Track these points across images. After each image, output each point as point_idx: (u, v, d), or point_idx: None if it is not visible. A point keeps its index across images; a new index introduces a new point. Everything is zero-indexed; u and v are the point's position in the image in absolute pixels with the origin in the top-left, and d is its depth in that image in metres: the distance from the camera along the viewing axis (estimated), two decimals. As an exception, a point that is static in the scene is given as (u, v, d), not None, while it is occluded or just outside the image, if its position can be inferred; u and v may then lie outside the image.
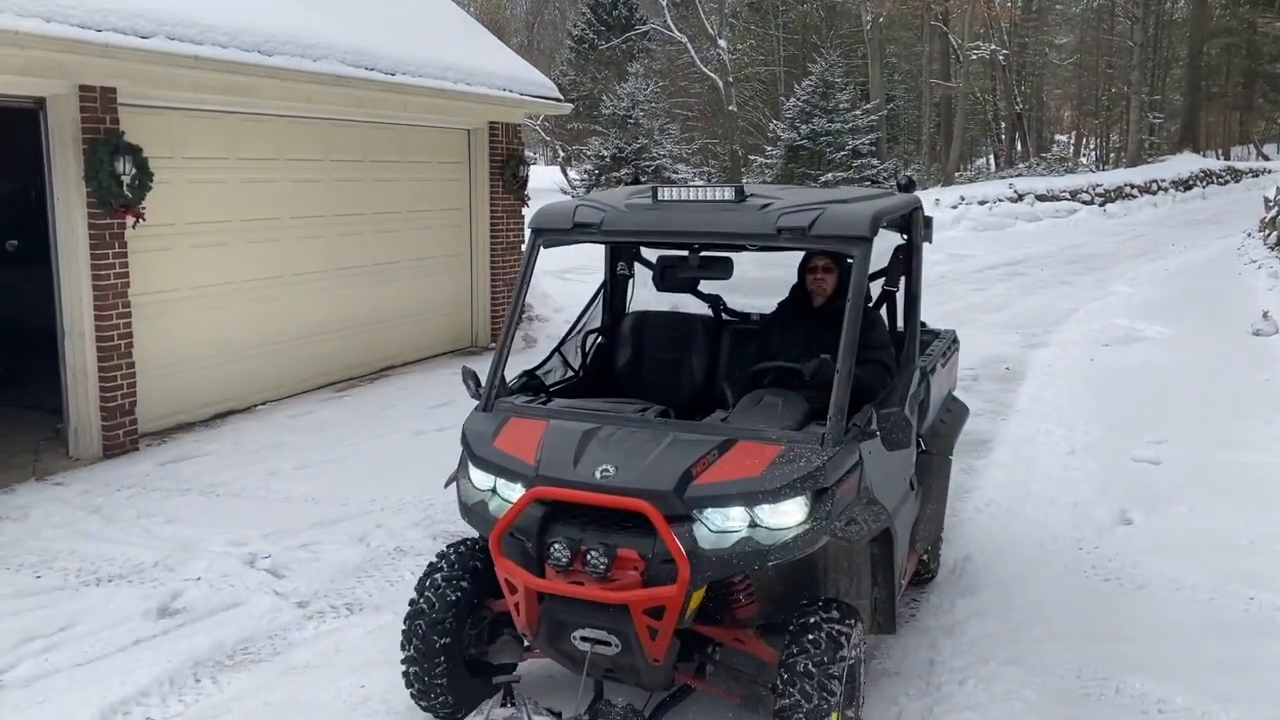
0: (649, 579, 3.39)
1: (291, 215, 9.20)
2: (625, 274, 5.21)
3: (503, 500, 3.72)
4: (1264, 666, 4.49)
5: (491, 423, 3.95)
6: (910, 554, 4.53)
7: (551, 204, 4.40)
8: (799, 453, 3.53)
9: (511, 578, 3.58)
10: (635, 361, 4.97)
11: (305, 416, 8.62)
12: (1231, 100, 44.84)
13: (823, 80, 28.21)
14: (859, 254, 3.84)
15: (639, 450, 3.59)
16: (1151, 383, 9.66)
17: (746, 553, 3.39)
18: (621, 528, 3.47)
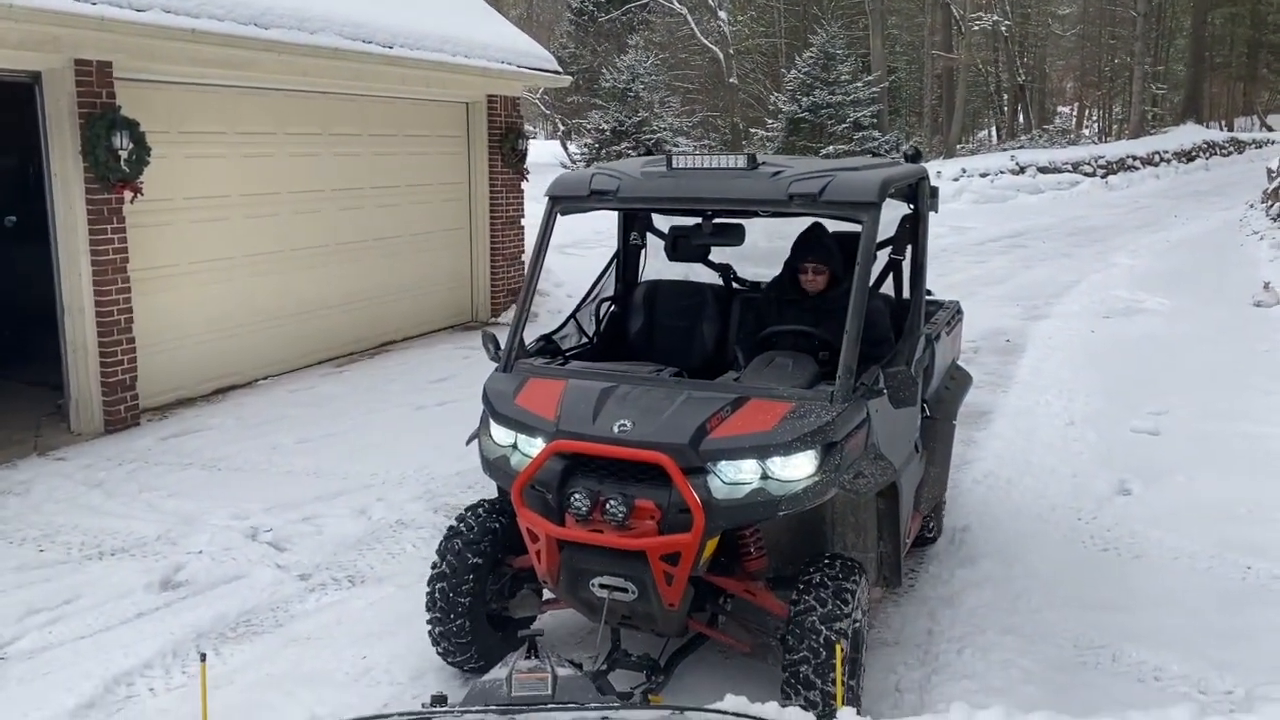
0: (665, 527, 3.54)
1: (290, 190, 9.17)
2: (638, 244, 5.29)
3: (523, 455, 3.87)
4: (1260, 634, 4.51)
5: (512, 382, 4.10)
6: (914, 515, 4.63)
7: (568, 173, 4.52)
8: (809, 409, 3.67)
9: (534, 527, 3.72)
10: (648, 328, 5.08)
11: (306, 391, 8.63)
12: (1235, 71, 44.59)
13: (824, 52, 28.04)
14: (868, 220, 3.93)
15: (655, 407, 3.73)
16: (1152, 354, 9.66)
17: (758, 503, 3.54)
18: (638, 479, 3.61)
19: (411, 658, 4.38)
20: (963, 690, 4.00)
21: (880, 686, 4.13)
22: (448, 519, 5.90)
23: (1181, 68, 43.47)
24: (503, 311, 11.73)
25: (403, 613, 4.75)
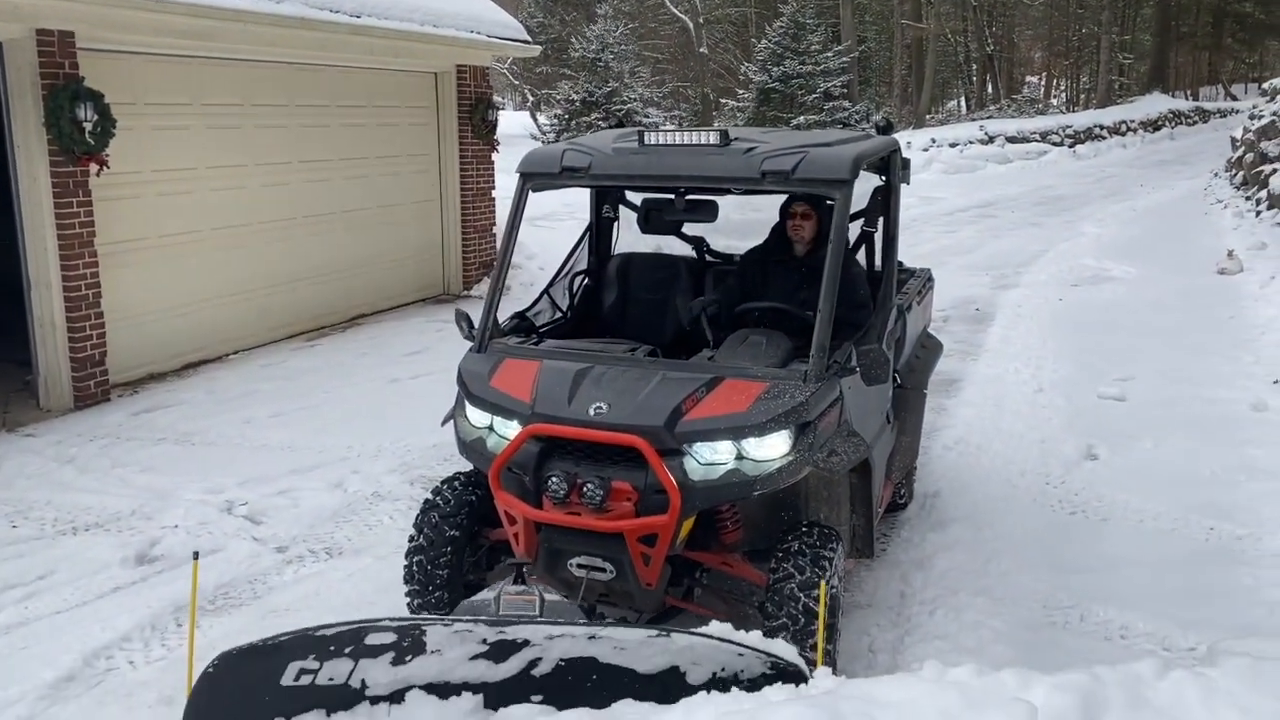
0: (642, 509, 3.58)
1: (258, 162, 9.08)
2: (610, 217, 5.28)
3: (500, 437, 3.88)
4: (1222, 593, 4.63)
5: (487, 363, 4.09)
6: (886, 483, 4.70)
7: (539, 148, 4.50)
8: (783, 389, 3.69)
9: (511, 510, 3.76)
10: (621, 302, 5.09)
11: (278, 365, 8.59)
12: (1200, 40, 44.87)
13: (794, 22, 27.96)
14: (840, 196, 3.96)
15: (630, 389, 3.75)
16: (1118, 322, 9.80)
17: (734, 483, 3.58)
18: (614, 461, 3.64)
19: (391, 627, 4.40)
20: (935, 650, 4.07)
21: (854, 648, 4.21)
22: (424, 491, 5.91)
23: (1148, 37, 43.71)
24: (474, 284, 11.69)
25: (382, 583, 4.78)
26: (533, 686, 3.10)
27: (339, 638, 3.16)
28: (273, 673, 3.13)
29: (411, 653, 3.14)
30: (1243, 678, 2.76)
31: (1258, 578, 4.76)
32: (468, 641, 3.13)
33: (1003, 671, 2.83)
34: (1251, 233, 13.50)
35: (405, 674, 3.13)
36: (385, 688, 3.12)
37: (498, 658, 3.11)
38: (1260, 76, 44.07)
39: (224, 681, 3.12)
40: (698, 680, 3.05)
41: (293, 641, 3.16)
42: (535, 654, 3.10)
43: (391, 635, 3.15)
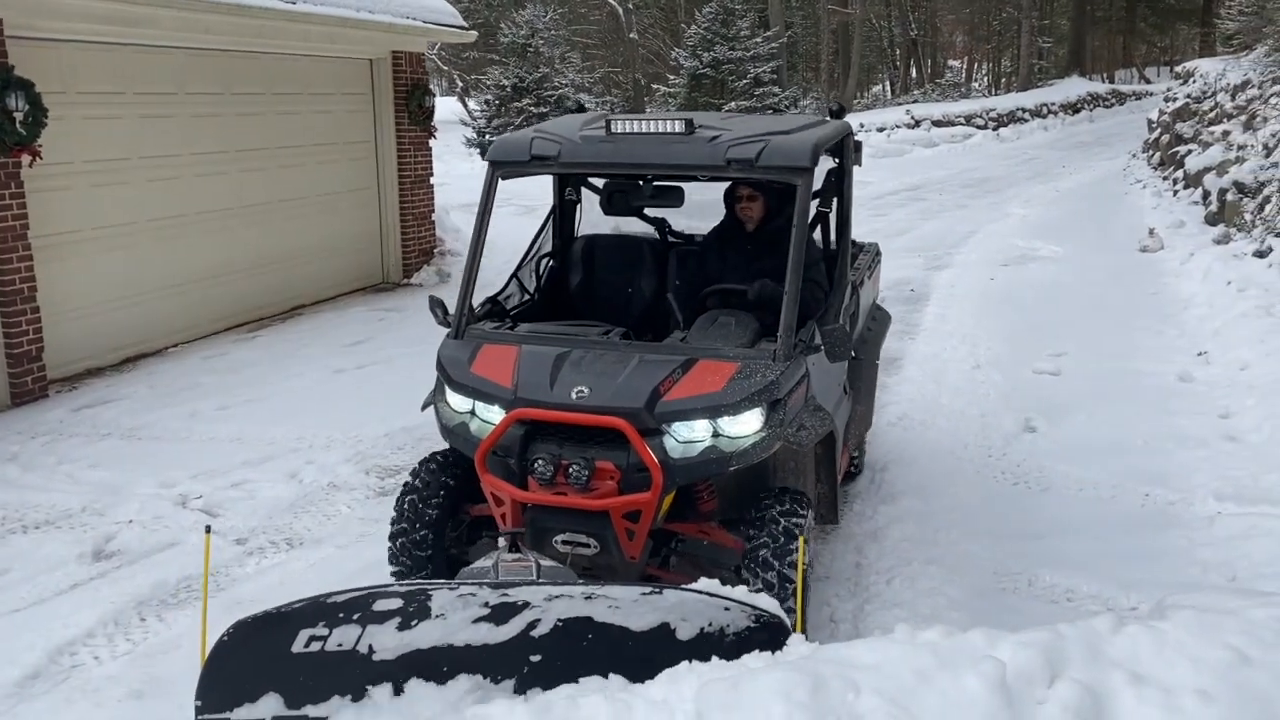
0: (625, 487, 3.73)
1: (193, 151, 8.92)
2: (573, 199, 5.35)
3: (482, 421, 3.97)
4: (1160, 554, 4.86)
5: (465, 349, 4.16)
6: (844, 451, 4.87)
7: (508, 136, 4.59)
8: (754, 368, 3.87)
9: (498, 492, 3.86)
10: (587, 283, 5.19)
11: (220, 358, 8.47)
12: (1115, 25, 46.15)
13: (723, 7, 28.09)
14: (802, 183, 4.13)
15: (609, 372, 3.88)
16: (1048, 299, 10.11)
17: (711, 460, 3.75)
18: (597, 442, 3.77)
19: (359, 614, 4.42)
20: (894, 618, 4.21)
21: (816, 618, 4.33)
22: (380, 480, 5.94)
23: (1065, 21, 44.78)
24: (415, 272, 11.62)
25: (345, 572, 4.77)
26: (532, 647, 3.23)
27: (348, 604, 3.26)
28: (284, 640, 3.23)
29: (417, 618, 3.24)
30: (1191, 629, 2.93)
31: (1191, 539, 5.00)
32: (470, 605, 3.23)
33: (970, 631, 2.97)
34: (1170, 211, 13.99)
35: (410, 639, 3.23)
36: (392, 652, 3.23)
37: (499, 620, 3.23)
38: (1172, 59, 45.53)
39: (237, 649, 3.22)
40: (687, 635, 3.19)
41: (303, 609, 3.26)
42: (535, 615, 3.23)
43: (398, 601, 3.26)
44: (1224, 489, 5.46)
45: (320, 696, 3.23)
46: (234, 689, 3.23)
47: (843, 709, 2.72)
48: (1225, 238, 11.11)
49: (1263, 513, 5.10)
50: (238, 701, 3.22)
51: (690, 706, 2.83)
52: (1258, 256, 9.41)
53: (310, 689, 3.23)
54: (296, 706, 3.22)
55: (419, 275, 11.58)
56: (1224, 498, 5.35)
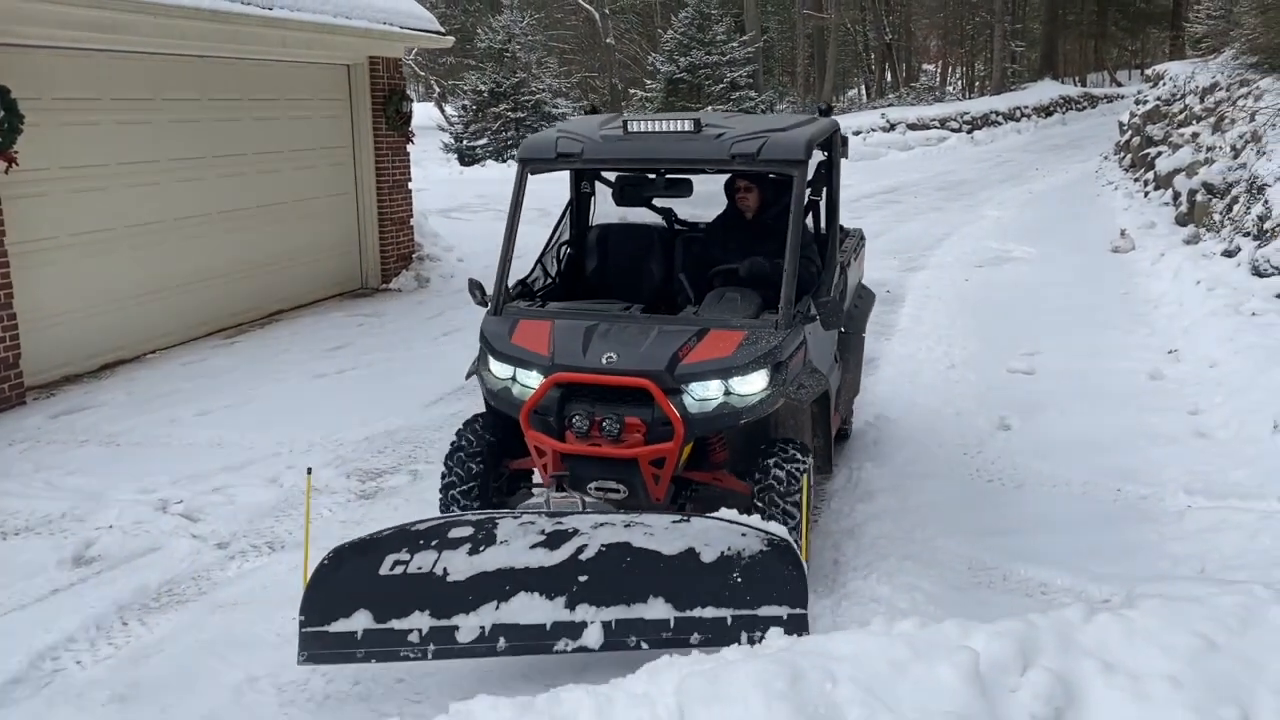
0: (650, 438, 4.28)
1: (170, 157, 8.91)
2: (588, 192, 5.82)
3: (522, 386, 4.51)
4: (1131, 548, 4.95)
5: (505, 324, 4.72)
6: (835, 414, 5.35)
7: (536, 136, 5.19)
8: (759, 336, 4.42)
9: (541, 445, 4.41)
10: (602, 267, 5.72)
11: (198, 364, 8.46)
12: (1087, 28, 46.62)
13: (699, 12, 28.23)
14: (798, 174, 4.68)
15: (633, 341, 4.42)
16: (1022, 300, 10.23)
17: (724, 414, 4.31)
18: (625, 401, 4.32)
19: (342, 616, 4.44)
20: (872, 613, 4.27)
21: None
22: (361, 483, 5.96)
23: (1038, 25, 45.20)
24: (394, 277, 11.62)
25: (328, 574, 4.81)
26: (580, 569, 3.78)
27: (427, 532, 3.83)
28: (373, 564, 3.79)
29: (485, 544, 3.82)
30: (1159, 617, 3.01)
31: (1161, 533, 5.09)
32: (529, 532, 3.82)
33: (945, 623, 3.03)
34: (1141, 212, 14.18)
35: (479, 562, 3.80)
36: (463, 574, 3.78)
37: (553, 546, 3.81)
38: (1142, 63, 46.02)
39: (334, 572, 3.79)
40: (709, 559, 3.75)
41: (390, 537, 3.84)
42: (583, 541, 3.80)
43: (470, 529, 3.84)
44: (1194, 484, 5.56)
45: (403, 612, 3.76)
46: (331, 606, 3.77)
47: (820, 699, 2.78)
48: (1195, 238, 11.28)
49: (1231, 506, 5.20)
50: (334, 617, 3.76)
51: (671, 700, 2.88)
52: (1226, 256, 9.56)
53: (394, 606, 3.76)
54: (383, 621, 3.76)
55: (398, 280, 11.58)
56: (1194, 492, 5.45)
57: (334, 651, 3.78)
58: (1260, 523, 4.95)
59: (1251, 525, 4.95)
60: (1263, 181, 9.35)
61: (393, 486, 5.91)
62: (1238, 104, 12.51)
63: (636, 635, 3.71)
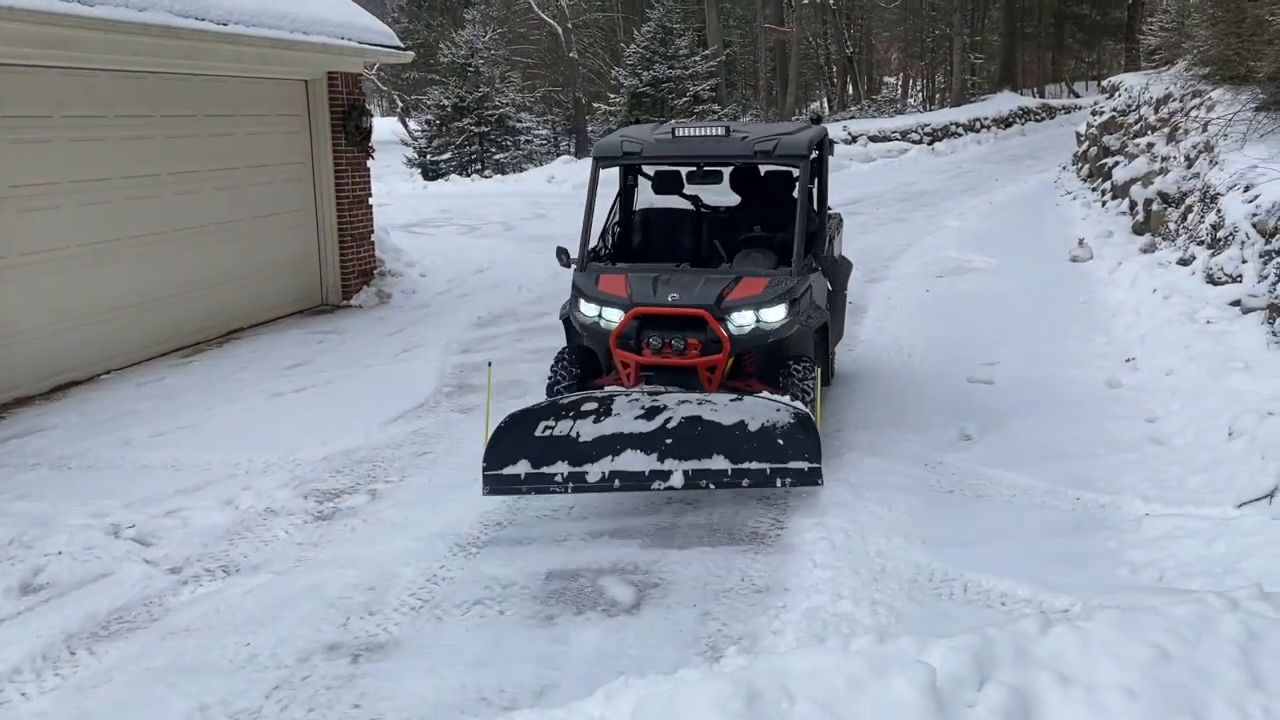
0: (705, 353, 5.88)
1: (124, 175, 8.78)
2: (633, 184, 7.48)
3: (608, 320, 6.05)
4: (1091, 557, 4.97)
5: (589, 277, 6.32)
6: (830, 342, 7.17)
7: (605, 139, 6.96)
8: (780, 280, 6.08)
9: (625, 359, 5.97)
10: (646, 239, 7.41)
11: (154, 384, 8.33)
12: (1044, 40, 47.29)
13: (661, 26, 28.35)
14: (803, 166, 6.47)
15: (689, 285, 6.03)
16: (983, 310, 10.30)
17: (756, 335, 5.97)
18: (685, 327, 5.90)
19: (297, 640, 4.37)
20: (833, 628, 4.27)
21: (756, 629, 4.37)
22: (319, 504, 5.88)
23: (996, 38, 45.80)
24: (354, 293, 11.52)
25: (284, 597, 4.73)
26: (666, 436, 5.26)
27: (566, 406, 5.43)
28: (530, 428, 5.32)
29: (604, 415, 5.37)
30: (1115, 628, 3.01)
31: (1120, 540, 5.12)
32: (634, 408, 5.40)
33: (901, 638, 3.02)
34: (1099, 222, 14.35)
35: (600, 428, 5.32)
36: (589, 437, 5.28)
37: (649, 418, 5.33)
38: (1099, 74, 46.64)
39: (505, 432, 5.31)
40: (754, 428, 5.25)
41: (542, 408, 5.46)
42: (669, 415, 5.34)
43: (595, 404, 5.44)
44: (1151, 491, 5.60)
45: (550, 462, 5.24)
46: (503, 456, 5.26)
47: (778, 718, 2.75)
48: (1151, 246, 11.42)
49: (1187, 513, 5.24)
50: (505, 464, 5.25)
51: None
52: (1181, 264, 9.68)
53: (544, 458, 5.25)
54: (537, 467, 5.23)
55: (358, 297, 11.49)
56: (1151, 500, 5.48)
57: (506, 488, 5.28)
58: (1216, 529, 4.99)
59: (1208, 532, 4.98)
60: (1215, 191, 9.47)
61: (351, 507, 5.83)
62: (1190, 114, 12.70)
63: (706, 480, 5.22)
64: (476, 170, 28.26)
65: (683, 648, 4.25)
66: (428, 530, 5.44)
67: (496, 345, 9.49)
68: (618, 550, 5.20)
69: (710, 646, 4.26)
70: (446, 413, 7.48)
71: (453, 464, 6.43)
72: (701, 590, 4.77)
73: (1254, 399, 6.16)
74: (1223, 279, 8.39)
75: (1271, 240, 7.64)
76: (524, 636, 4.40)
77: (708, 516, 5.58)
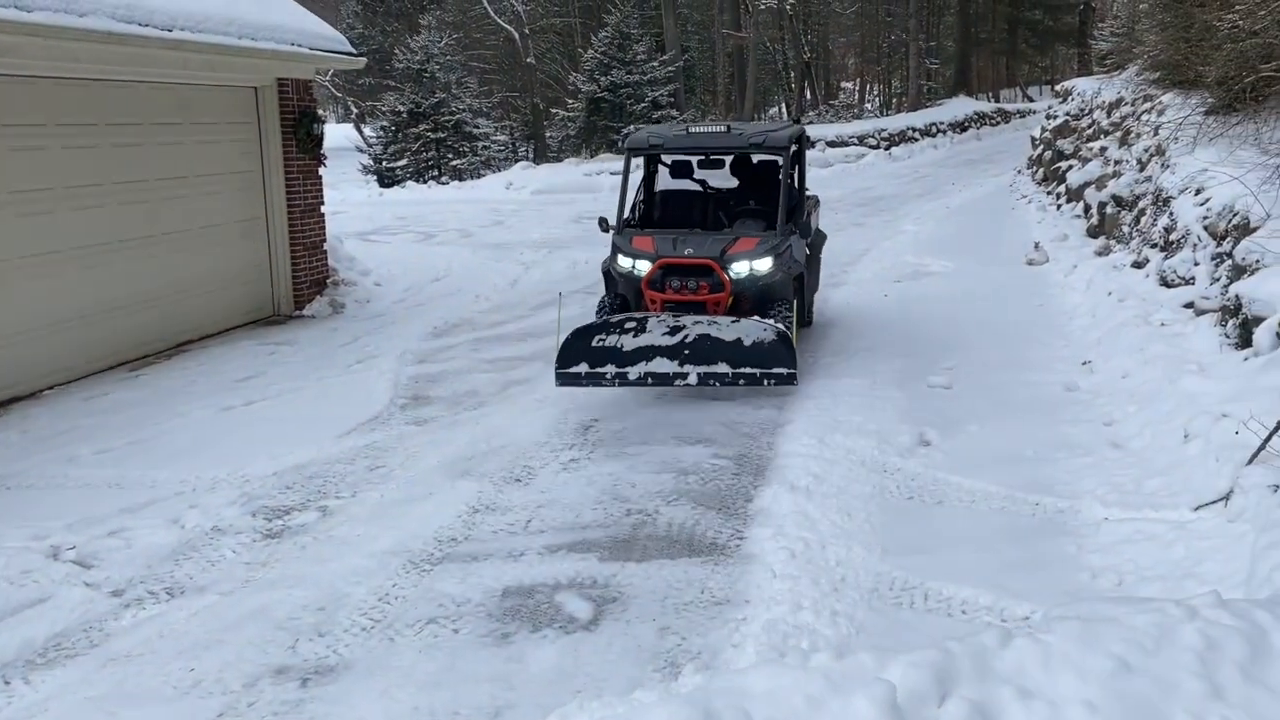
0: (712, 292, 7.78)
1: (67, 185, 8.56)
2: (654, 171, 9.39)
3: (639, 269, 7.98)
4: (1051, 562, 4.95)
5: (625, 238, 8.26)
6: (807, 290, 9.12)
7: (634, 134, 9.03)
8: (767, 239, 8.04)
9: (654, 298, 7.88)
10: (665, 214, 9.09)
11: (100, 399, 8.11)
12: (998, 46, 47.84)
13: (619, 32, 28.32)
14: (785, 155, 8.45)
15: (700, 243, 7.99)
16: (940, 314, 10.32)
17: (750, 279, 7.88)
18: (696, 274, 7.84)
19: (244, 664, 4.24)
20: (791, 644, 4.20)
21: (716, 643, 4.30)
22: (268, 521, 5.73)
23: (951, 43, 46.28)
24: (307, 304, 11.33)
25: (230, 619, 4.59)
26: (684, 349, 7.10)
27: (615, 324, 7.35)
28: (588, 339, 7.26)
29: (640, 332, 7.25)
30: (1075, 640, 2.97)
31: (1080, 545, 5.11)
32: (662, 326, 7.28)
33: (860, 654, 2.96)
34: (1054, 225, 14.48)
35: (636, 341, 7.20)
36: (629, 347, 7.16)
37: (672, 334, 7.19)
38: (1052, 79, 47.29)
39: (571, 342, 7.27)
40: (748, 343, 7.09)
41: (597, 325, 7.37)
42: (686, 332, 7.20)
43: (635, 323, 7.34)
44: (1110, 495, 5.60)
45: (602, 364, 7.15)
46: (568, 359, 7.21)
47: (735, 741, 2.68)
48: (1106, 249, 11.52)
49: (1145, 517, 5.24)
50: (570, 365, 7.19)
51: (581, 747, 2.76)
52: (1136, 267, 9.76)
53: (598, 361, 7.16)
54: (593, 368, 7.16)
55: (311, 307, 11.30)
56: (1110, 504, 5.48)
57: (571, 382, 7.25)
58: (1173, 533, 4.99)
59: (1166, 535, 4.98)
60: (1167, 194, 9.56)
61: (301, 524, 5.68)
62: (1142, 118, 12.84)
63: (713, 380, 7.10)
64: (433, 177, 28.05)
65: (641, 665, 4.16)
66: (380, 547, 5.32)
67: (452, 355, 9.36)
68: (575, 564, 5.11)
69: (669, 663, 4.18)
70: (401, 425, 7.35)
71: (407, 478, 6.30)
72: (661, 604, 4.69)
73: (1208, 401, 6.19)
74: (1176, 281, 8.46)
75: (1222, 243, 7.71)
76: (479, 656, 4.29)
77: (667, 528, 5.50)
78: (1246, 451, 5.28)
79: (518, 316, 11.01)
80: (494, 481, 6.20)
